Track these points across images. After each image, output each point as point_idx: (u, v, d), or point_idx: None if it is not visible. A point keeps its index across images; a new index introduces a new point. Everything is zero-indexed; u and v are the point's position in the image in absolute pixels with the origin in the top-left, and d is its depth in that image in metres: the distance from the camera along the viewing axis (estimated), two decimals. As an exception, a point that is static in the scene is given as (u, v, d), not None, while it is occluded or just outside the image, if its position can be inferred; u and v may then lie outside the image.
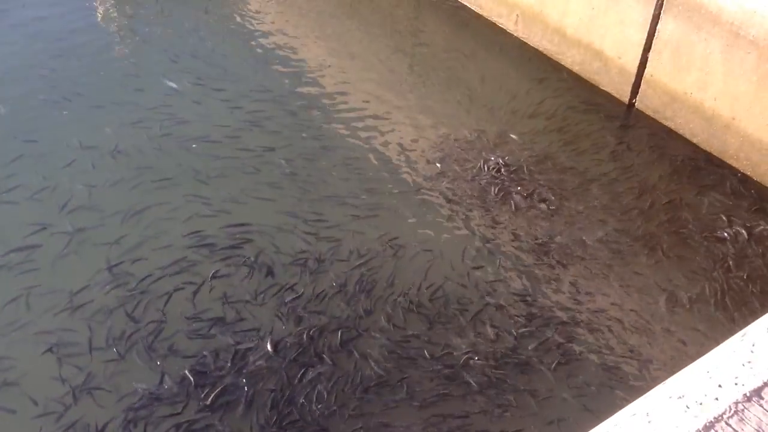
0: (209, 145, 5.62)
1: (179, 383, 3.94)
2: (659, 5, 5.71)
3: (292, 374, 4.01)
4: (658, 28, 5.79)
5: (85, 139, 5.58)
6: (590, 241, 4.99)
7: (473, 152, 5.69)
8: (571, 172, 5.58)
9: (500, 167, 5.53)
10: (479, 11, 7.52)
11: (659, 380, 2.31)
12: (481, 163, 5.57)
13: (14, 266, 4.55)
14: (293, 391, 3.93)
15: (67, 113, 5.89)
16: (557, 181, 5.47)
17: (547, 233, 5.03)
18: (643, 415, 2.05)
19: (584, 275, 4.75)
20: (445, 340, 4.27)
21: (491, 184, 5.39)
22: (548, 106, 6.31)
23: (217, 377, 3.98)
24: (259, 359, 4.07)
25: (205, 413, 3.81)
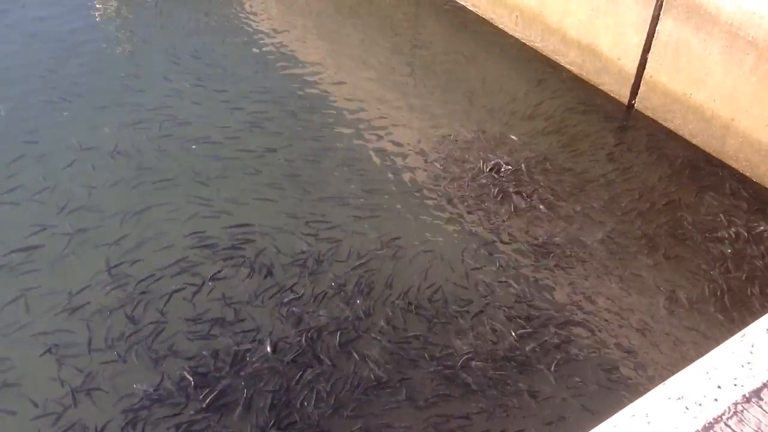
0: (210, 146, 5.63)
1: (178, 384, 3.94)
2: (658, 6, 5.71)
3: (291, 375, 4.01)
4: (657, 29, 5.80)
5: (85, 139, 5.58)
6: (590, 241, 4.99)
7: (473, 153, 5.70)
8: (570, 172, 5.58)
9: (500, 168, 5.53)
10: (479, 12, 7.53)
11: (658, 381, 2.31)
12: (480, 163, 5.58)
13: (14, 267, 4.55)
14: (292, 392, 3.93)
15: (67, 114, 5.90)
16: (557, 181, 5.47)
17: (546, 234, 5.03)
18: (642, 415, 2.05)
19: (584, 276, 4.75)
20: (444, 340, 4.27)
21: (491, 184, 5.39)
22: (548, 107, 6.32)
23: (216, 378, 3.98)
24: (258, 360, 4.08)
25: (204, 414, 3.81)
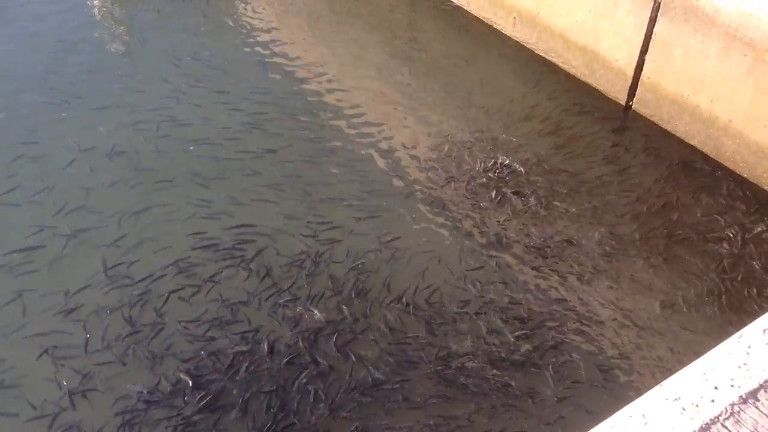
0: (209, 146, 5.63)
1: (176, 386, 3.93)
2: (656, 8, 5.72)
3: (289, 377, 4.01)
4: (654, 30, 5.81)
5: (83, 140, 5.58)
6: (587, 242, 4.99)
7: (471, 154, 5.70)
8: (568, 174, 5.59)
9: (498, 170, 5.54)
10: (476, 14, 7.54)
11: (655, 382, 2.31)
12: (478, 165, 5.58)
13: (12, 267, 4.55)
14: (290, 393, 3.93)
15: (66, 114, 5.90)
16: (554, 182, 5.48)
17: (544, 235, 5.03)
18: (639, 416, 2.06)
19: (581, 277, 4.76)
20: (442, 341, 4.27)
21: (488, 186, 5.40)
22: (545, 108, 6.32)
23: (213, 380, 3.98)
24: (256, 362, 4.08)
25: (201, 416, 3.81)
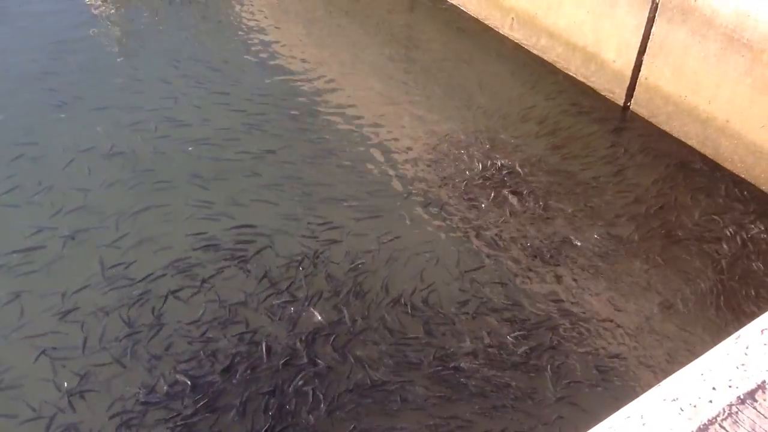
0: (208, 147, 5.64)
1: (174, 387, 3.93)
2: (654, 9, 5.73)
3: (287, 378, 4.01)
4: (652, 31, 5.81)
5: (82, 141, 5.59)
6: (585, 243, 5.00)
7: (469, 155, 5.70)
8: (566, 174, 5.59)
9: (496, 170, 5.54)
10: (474, 15, 7.55)
11: (653, 383, 2.32)
12: (477, 165, 5.58)
13: (11, 268, 4.55)
14: (288, 395, 3.93)
15: (64, 115, 5.90)
16: (553, 184, 5.48)
17: (542, 236, 5.04)
18: (637, 417, 2.06)
19: (579, 278, 4.76)
20: (440, 342, 4.27)
21: (487, 187, 5.40)
22: (543, 109, 6.33)
23: (211, 381, 3.97)
24: (254, 363, 4.07)
25: (198, 417, 3.81)
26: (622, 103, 6.31)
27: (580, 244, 4.99)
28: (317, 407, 3.87)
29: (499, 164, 5.60)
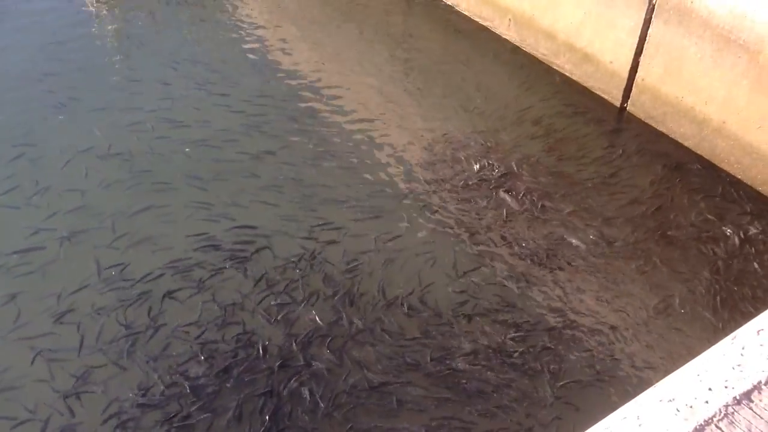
0: (207, 149, 5.64)
1: (170, 388, 3.93)
2: (650, 10, 5.74)
3: (284, 380, 4.01)
4: (649, 32, 5.82)
5: (80, 142, 5.59)
6: (581, 244, 5.00)
7: (467, 156, 5.70)
8: (562, 176, 5.60)
9: (493, 171, 5.55)
10: (471, 15, 7.55)
11: (650, 383, 2.32)
12: (474, 167, 5.59)
13: (9, 269, 4.54)
14: (286, 396, 3.93)
15: (63, 117, 5.90)
16: (550, 185, 5.48)
17: (539, 237, 5.04)
18: (633, 418, 2.06)
19: (576, 279, 4.77)
20: (438, 343, 4.27)
21: (484, 188, 5.40)
22: (540, 110, 6.33)
23: (208, 382, 3.97)
24: (251, 364, 4.07)
25: (195, 419, 3.80)
26: (618, 104, 6.32)
27: (577, 244, 5.00)
28: (316, 408, 3.88)
29: (496, 165, 5.60)
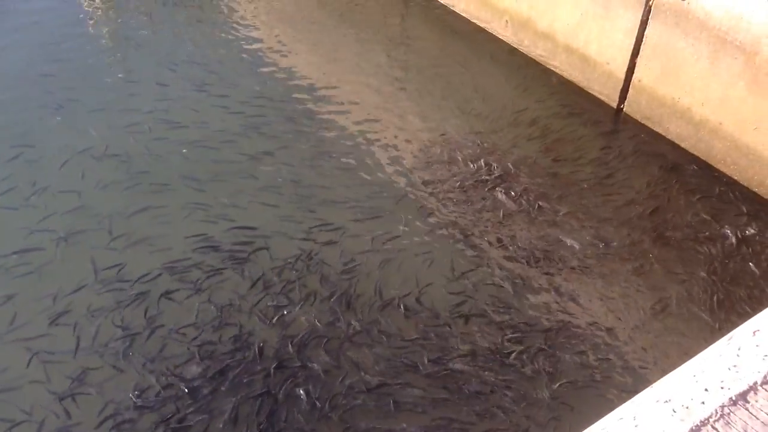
0: (205, 150, 5.64)
1: (167, 390, 3.92)
2: (647, 11, 5.75)
3: (281, 381, 4.00)
4: (646, 33, 5.83)
5: (77, 143, 5.58)
6: (578, 245, 5.01)
7: (464, 157, 5.71)
8: (559, 177, 5.60)
9: (490, 173, 5.55)
10: (469, 17, 7.56)
11: (646, 384, 2.33)
12: (471, 168, 5.59)
13: (8, 270, 4.54)
14: (282, 398, 3.93)
15: (60, 118, 5.90)
16: (546, 186, 5.49)
17: (536, 238, 5.04)
18: (630, 419, 2.07)
19: (572, 280, 4.77)
20: (435, 344, 4.27)
21: (481, 189, 5.41)
22: (537, 111, 6.34)
23: (204, 383, 3.97)
24: (247, 365, 4.07)
25: (191, 421, 3.80)
26: (615, 105, 6.33)
27: (573, 245, 5.00)
28: (311, 409, 3.88)
29: (493, 166, 5.61)
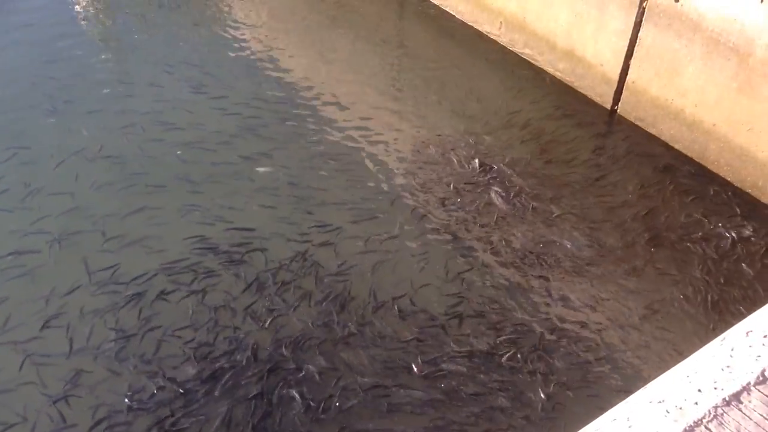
0: (200, 151, 5.65)
1: (160, 392, 3.92)
2: (641, 13, 5.76)
3: (276, 384, 4.00)
4: (639, 35, 5.85)
5: (73, 144, 5.59)
6: (572, 247, 5.01)
7: (458, 159, 5.71)
8: (553, 178, 5.61)
9: (484, 174, 5.56)
10: (463, 18, 7.57)
11: (640, 385, 2.33)
12: (465, 170, 5.60)
13: (1, 271, 4.53)
14: (278, 400, 3.93)
15: (54, 120, 5.90)
16: (540, 187, 5.50)
17: (530, 239, 5.05)
18: (623, 419, 2.07)
19: (566, 281, 4.78)
20: (429, 346, 4.27)
21: (475, 191, 5.41)
22: (531, 113, 6.35)
23: (199, 386, 3.96)
24: (242, 368, 4.07)
25: (185, 423, 3.79)
26: (609, 106, 6.34)
27: (567, 247, 5.01)
28: (305, 411, 3.88)
29: (487, 168, 5.61)
